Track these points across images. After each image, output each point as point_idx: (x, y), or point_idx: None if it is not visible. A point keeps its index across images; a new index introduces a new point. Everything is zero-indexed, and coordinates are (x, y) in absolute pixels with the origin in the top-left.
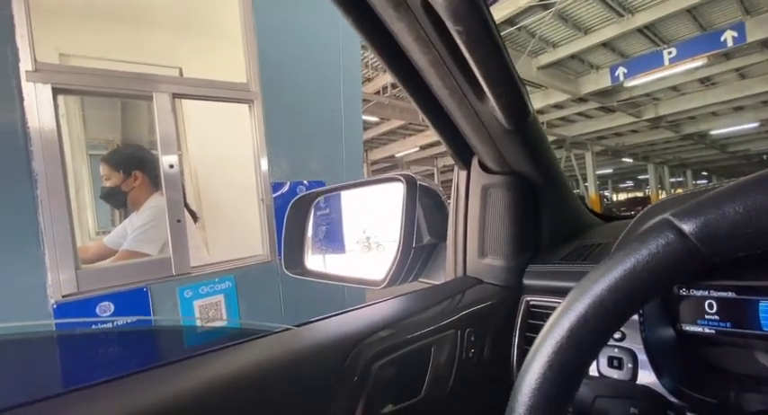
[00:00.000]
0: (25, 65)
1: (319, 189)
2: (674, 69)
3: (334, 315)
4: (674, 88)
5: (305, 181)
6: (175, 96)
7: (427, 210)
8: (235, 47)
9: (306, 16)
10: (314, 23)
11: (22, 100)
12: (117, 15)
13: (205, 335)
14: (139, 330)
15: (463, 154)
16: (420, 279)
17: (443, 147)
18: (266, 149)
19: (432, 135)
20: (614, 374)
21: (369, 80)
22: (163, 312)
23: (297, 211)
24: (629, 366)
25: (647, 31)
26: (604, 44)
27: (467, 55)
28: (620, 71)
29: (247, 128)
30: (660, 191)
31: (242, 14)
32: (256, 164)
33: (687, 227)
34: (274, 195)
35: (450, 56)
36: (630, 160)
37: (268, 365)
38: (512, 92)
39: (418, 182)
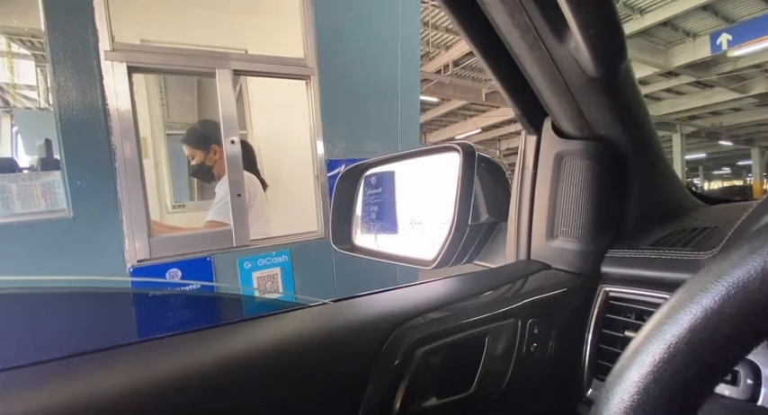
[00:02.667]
0: (104, 45)
1: (369, 159)
2: None
3: (377, 293)
4: None
5: (357, 161)
6: (236, 72)
7: (486, 186)
8: (293, 23)
9: None
10: None
11: (101, 78)
12: (189, 3)
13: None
14: (201, 294)
15: (533, 115)
16: (476, 262)
17: (507, 129)
18: (322, 126)
19: (495, 115)
20: (725, 391)
21: (430, 58)
22: (224, 280)
23: (346, 183)
24: (749, 382)
25: None
26: (704, 7)
27: None
28: (724, 38)
29: (305, 108)
30: (766, 180)
31: None
32: (312, 141)
33: None
34: (329, 173)
35: None
36: (730, 143)
37: (300, 339)
38: (606, 22)
39: (477, 153)
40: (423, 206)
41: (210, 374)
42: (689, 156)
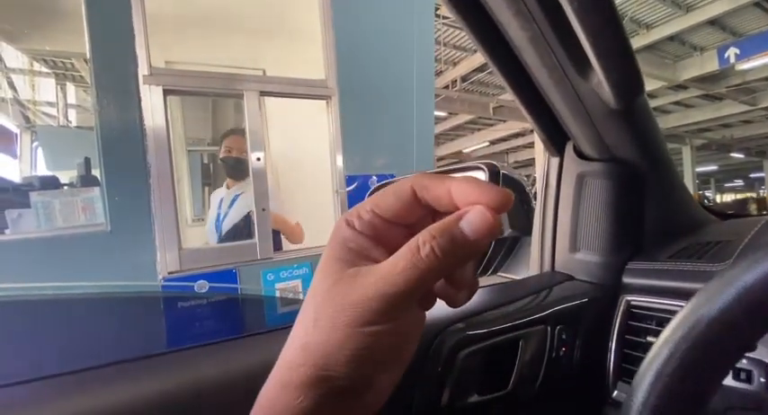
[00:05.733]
0: (142, 70)
1: (396, 179)
2: None
3: None
4: None
5: (374, 175)
6: (262, 94)
7: None
8: (313, 46)
9: (382, 12)
10: (389, 19)
11: (139, 100)
12: (211, 25)
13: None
14: (231, 298)
15: (556, 139)
16: (500, 274)
17: (515, 142)
18: (341, 143)
19: (502, 129)
20: (741, 387)
21: (438, 74)
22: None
23: None
24: (762, 380)
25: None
26: (711, 22)
27: (576, 25)
28: (731, 52)
29: (322, 125)
30: None
31: (321, 13)
32: (332, 158)
33: None
34: (348, 188)
35: (553, 30)
36: (741, 155)
37: None
38: (626, 64)
39: (501, 171)
40: None
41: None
42: (700, 169)
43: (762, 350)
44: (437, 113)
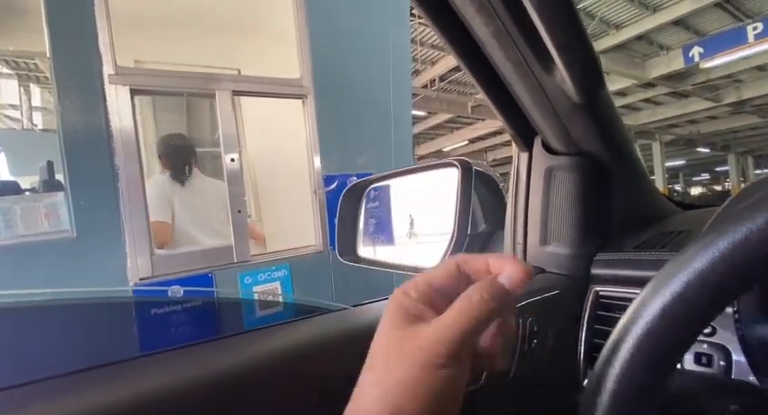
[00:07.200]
0: (108, 69)
1: (372, 176)
2: (760, 46)
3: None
4: (761, 68)
5: (353, 176)
6: (235, 93)
7: (483, 197)
8: (288, 45)
9: (357, 11)
10: (364, 17)
11: (105, 100)
12: (183, 25)
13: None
14: (209, 301)
15: (525, 134)
16: None
17: (492, 141)
18: (318, 143)
19: (481, 128)
20: (702, 371)
21: (416, 73)
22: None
23: (350, 199)
24: (722, 363)
25: (728, 6)
26: (677, 22)
27: (536, 21)
28: (695, 51)
29: (299, 126)
30: (742, 184)
31: (296, 12)
32: (310, 158)
33: None
34: (327, 188)
35: (516, 25)
36: (707, 150)
37: (326, 341)
38: (585, 60)
39: (474, 167)
40: (424, 218)
41: (240, 380)
42: (669, 164)
43: (721, 334)
44: (416, 113)
